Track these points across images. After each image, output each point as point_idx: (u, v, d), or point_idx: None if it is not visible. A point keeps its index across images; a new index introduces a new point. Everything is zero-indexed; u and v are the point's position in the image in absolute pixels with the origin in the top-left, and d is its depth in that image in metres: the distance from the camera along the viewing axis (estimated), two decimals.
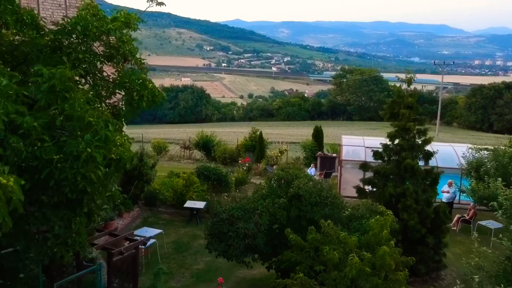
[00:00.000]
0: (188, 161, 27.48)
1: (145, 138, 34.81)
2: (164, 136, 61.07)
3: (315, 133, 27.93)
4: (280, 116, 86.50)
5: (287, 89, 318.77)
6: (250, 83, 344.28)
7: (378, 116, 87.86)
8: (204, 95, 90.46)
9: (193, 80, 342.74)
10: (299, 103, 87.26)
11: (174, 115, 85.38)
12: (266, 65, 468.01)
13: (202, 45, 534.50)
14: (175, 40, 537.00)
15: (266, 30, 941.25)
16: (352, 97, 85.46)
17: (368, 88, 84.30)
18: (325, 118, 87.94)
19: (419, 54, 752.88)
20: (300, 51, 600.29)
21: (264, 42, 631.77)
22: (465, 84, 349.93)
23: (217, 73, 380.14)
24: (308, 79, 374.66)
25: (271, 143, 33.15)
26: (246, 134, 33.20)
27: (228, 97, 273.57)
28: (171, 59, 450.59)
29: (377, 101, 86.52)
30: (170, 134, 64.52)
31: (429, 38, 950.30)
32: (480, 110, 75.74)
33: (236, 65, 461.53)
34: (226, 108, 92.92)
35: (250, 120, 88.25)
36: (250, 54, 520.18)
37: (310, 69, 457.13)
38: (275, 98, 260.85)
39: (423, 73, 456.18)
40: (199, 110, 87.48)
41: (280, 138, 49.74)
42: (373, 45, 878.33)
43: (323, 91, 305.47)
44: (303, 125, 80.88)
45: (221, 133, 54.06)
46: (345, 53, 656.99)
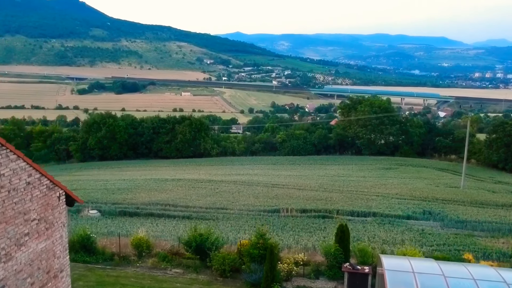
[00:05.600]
0: (177, 271, 21.76)
1: (125, 232, 28.74)
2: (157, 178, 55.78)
3: (339, 234, 22.22)
4: (284, 150, 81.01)
5: (288, 103, 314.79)
6: (250, 98, 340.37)
7: (389, 150, 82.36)
8: (203, 127, 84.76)
9: (193, 94, 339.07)
10: (304, 135, 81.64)
11: (170, 149, 79.88)
12: (267, 79, 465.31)
13: (202, 59, 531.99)
14: (175, 54, 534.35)
15: (266, 43, 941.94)
16: (361, 131, 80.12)
17: (378, 121, 78.88)
18: (332, 152, 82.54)
19: (419, 66, 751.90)
20: (301, 63, 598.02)
21: (264, 55, 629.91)
22: (466, 97, 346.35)
23: (217, 87, 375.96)
24: (308, 93, 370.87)
25: (278, 186, 27.55)
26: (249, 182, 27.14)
27: (229, 111, 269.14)
28: (171, 72, 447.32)
29: (388, 135, 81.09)
30: (165, 175, 59.15)
31: (429, 50, 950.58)
32: (503, 148, 69.84)
33: (237, 78, 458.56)
34: (226, 142, 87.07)
35: (252, 154, 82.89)
36: (251, 68, 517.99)
37: (311, 83, 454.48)
38: (275, 112, 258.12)
39: (424, 86, 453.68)
40: (197, 144, 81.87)
41: (286, 193, 44.07)
42: (373, 58, 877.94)
43: (324, 105, 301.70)
44: (309, 161, 75.38)
45: (222, 186, 48.74)
46: (345, 66, 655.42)
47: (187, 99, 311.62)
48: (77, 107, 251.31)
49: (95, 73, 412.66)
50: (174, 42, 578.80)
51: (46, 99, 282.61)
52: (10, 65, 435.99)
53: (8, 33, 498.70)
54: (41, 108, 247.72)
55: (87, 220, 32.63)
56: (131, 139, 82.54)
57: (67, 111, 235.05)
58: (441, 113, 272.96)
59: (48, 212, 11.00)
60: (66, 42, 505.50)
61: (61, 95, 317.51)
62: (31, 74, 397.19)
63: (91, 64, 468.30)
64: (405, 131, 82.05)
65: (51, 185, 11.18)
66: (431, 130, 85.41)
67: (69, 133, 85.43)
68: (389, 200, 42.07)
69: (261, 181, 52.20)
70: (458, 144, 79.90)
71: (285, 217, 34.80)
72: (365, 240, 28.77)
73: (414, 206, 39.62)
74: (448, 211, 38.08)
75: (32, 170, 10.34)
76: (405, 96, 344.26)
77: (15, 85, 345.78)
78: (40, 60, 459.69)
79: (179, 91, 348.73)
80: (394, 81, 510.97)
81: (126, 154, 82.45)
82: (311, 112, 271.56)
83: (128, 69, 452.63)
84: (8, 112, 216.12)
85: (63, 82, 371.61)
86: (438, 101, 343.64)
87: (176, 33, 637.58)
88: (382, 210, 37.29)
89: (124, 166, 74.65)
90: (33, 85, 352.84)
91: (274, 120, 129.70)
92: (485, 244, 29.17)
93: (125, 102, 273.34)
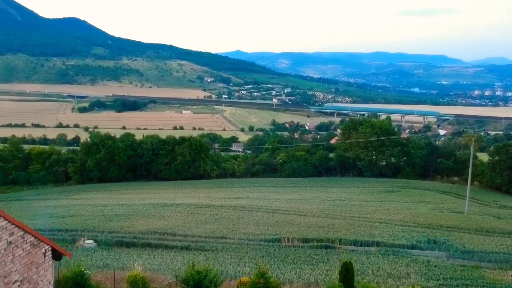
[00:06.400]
0: None
1: (121, 265, 27.63)
2: (156, 202, 54.96)
3: (343, 272, 21.31)
4: (284, 172, 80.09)
5: (288, 121, 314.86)
6: (251, 116, 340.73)
7: (390, 172, 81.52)
8: (203, 148, 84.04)
9: (194, 113, 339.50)
10: (305, 157, 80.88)
11: (170, 171, 78.99)
12: (267, 97, 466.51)
13: (203, 77, 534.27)
14: (176, 72, 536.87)
15: (267, 61, 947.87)
16: (362, 152, 79.41)
17: (379, 142, 78.23)
18: (334, 174, 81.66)
19: (419, 84, 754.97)
20: (301, 82, 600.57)
21: (264, 73, 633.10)
22: (466, 115, 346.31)
23: (218, 105, 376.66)
24: (309, 111, 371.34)
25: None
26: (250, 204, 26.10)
27: (229, 129, 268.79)
28: (172, 91, 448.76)
29: (389, 156, 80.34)
30: (164, 199, 58.35)
31: (428, 68, 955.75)
32: (507, 171, 68.96)
33: (237, 96, 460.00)
34: (226, 163, 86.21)
35: (252, 176, 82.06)
36: (251, 86, 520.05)
37: (311, 100, 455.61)
38: (276, 130, 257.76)
39: (423, 104, 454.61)
40: (197, 165, 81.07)
41: (287, 219, 43.23)
42: (373, 76, 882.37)
43: (324, 123, 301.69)
44: (310, 184, 74.48)
45: (222, 212, 47.92)
46: (345, 84, 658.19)
47: (188, 117, 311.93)
48: (77, 125, 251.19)
49: (96, 91, 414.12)
50: (175, 61, 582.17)
51: (46, 117, 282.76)
52: (12, 83, 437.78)
53: (10, 51, 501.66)
54: (41, 126, 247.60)
55: (82, 251, 31.70)
56: (130, 161, 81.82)
57: (67, 129, 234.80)
58: (441, 131, 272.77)
59: (32, 271, 10.22)
60: (68, 60, 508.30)
61: (61, 113, 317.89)
62: (32, 92, 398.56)
63: (92, 82, 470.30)
64: (406, 152, 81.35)
65: (36, 241, 10.41)
66: (433, 151, 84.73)
67: (68, 155, 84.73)
68: (393, 228, 41.13)
69: (261, 206, 51.30)
70: (461, 166, 79.18)
71: (286, 247, 33.84)
72: (369, 274, 27.83)
73: (418, 234, 38.66)
74: (453, 239, 37.13)
75: (15, 228, 9.57)
76: (405, 114, 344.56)
77: (16, 103, 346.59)
78: (42, 79, 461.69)
79: (180, 109, 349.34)
80: (394, 99, 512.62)
81: (125, 176, 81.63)
82: (311, 130, 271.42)
83: (129, 87, 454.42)
84: (8, 130, 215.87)
85: (64, 100, 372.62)
86: (438, 119, 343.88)
87: (177, 51, 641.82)
88: (386, 239, 36.32)
89: (123, 188, 73.75)
90: (34, 103, 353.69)
91: (275, 139, 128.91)
92: (493, 278, 28.23)
93: (125, 120, 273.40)
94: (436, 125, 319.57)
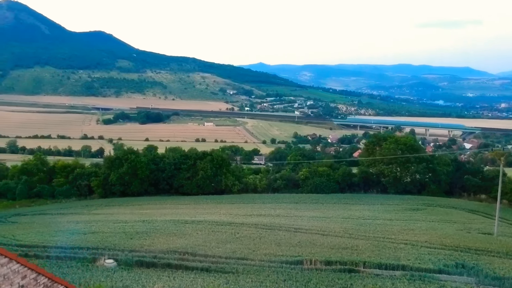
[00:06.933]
0: None
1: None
2: (177, 219, 54.73)
3: None
4: (306, 188, 79.20)
5: (310, 134, 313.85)
6: (272, 128, 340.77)
7: (415, 189, 79.81)
8: (225, 163, 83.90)
9: (216, 125, 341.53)
10: (328, 172, 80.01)
11: (191, 186, 79.05)
12: (289, 109, 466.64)
13: (225, 89, 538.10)
14: (199, 84, 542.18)
15: (289, 73, 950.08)
16: (386, 168, 78.07)
17: (404, 158, 76.80)
18: (357, 190, 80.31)
19: (444, 96, 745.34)
20: (323, 94, 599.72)
21: (286, 86, 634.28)
22: (493, 128, 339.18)
23: (240, 117, 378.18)
24: (331, 124, 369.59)
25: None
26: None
27: (251, 142, 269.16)
28: (194, 103, 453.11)
29: (414, 173, 78.77)
30: (185, 215, 58.23)
31: (453, 80, 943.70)
32: None
33: (259, 109, 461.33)
34: (247, 178, 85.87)
35: (274, 192, 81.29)
36: (273, 98, 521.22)
37: (333, 113, 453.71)
38: (298, 143, 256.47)
39: (448, 117, 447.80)
40: (218, 180, 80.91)
41: (310, 239, 42.39)
42: (396, 88, 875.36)
43: (347, 136, 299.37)
44: (333, 200, 73.35)
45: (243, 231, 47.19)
46: (368, 96, 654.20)
47: (210, 130, 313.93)
48: (102, 137, 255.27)
49: (120, 103, 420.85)
50: (198, 73, 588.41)
51: (72, 129, 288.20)
52: (39, 95, 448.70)
53: (38, 64, 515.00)
54: (67, 137, 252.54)
55: (102, 271, 31.48)
56: (152, 175, 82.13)
57: (92, 141, 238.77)
58: (467, 144, 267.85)
59: None
60: (93, 73, 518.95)
61: (86, 125, 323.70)
62: (59, 104, 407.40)
63: (117, 94, 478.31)
64: (432, 169, 79.55)
65: (50, 282, 10.05)
66: (459, 167, 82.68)
67: (91, 169, 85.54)
68: (419, 250, 39.83)
69: (283, 224, 50.55)
70: (488, 183, 76.98)
71: (308, 271, 32.96)
72: None
73: (446, 258, 37.29)
74: (482, 264, 35.67)
75: (27, 270, 9.22)
76: (430, 127, 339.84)
77: (43, 115, 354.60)
78: (68, 91, 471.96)
79: (202, 122, 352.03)
80: (418, 112, 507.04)
81: (147, 190, 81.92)
82: (334, 143, 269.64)
83: (153, 100, 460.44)
84: (35, 141, 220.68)
85: (89, 112, 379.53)
86: (464, 132, 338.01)
87: (200, 64, 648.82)
88: (411, 262, 35.11)
89: (145, 203, 73.88)
90: (60, 115, 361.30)
91: (297, 152, 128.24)
92: None
93: (148, 132, 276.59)
94: (462, 138, 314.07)
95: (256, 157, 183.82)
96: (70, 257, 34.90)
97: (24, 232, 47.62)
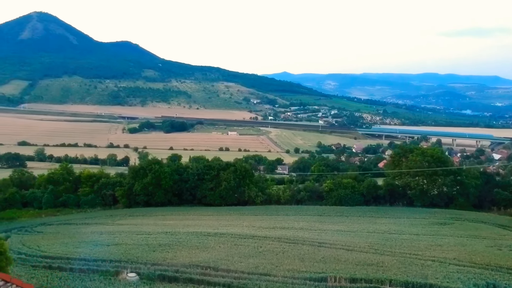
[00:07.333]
0: None
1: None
2: (200, 231, 54.39)
3: None
4: (331, 200, 78.19)
5: (334, 144, 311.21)
6: (296, 137, 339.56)
7: (442, 202, 77.91)
8: (248, 174, 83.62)
9: (239, 134, 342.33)
10: (353, 184, 78.91)
11: (214, 196, 79.00)
12: (313, 118, 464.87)
13: (249, 98, 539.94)
14: (223, 94, 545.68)
15: (313, 83, 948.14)
16: (412, 181, 76.56)
17: (431, 171, 75.13)
18: (382, 203, 78.83)
19: (471, 106, 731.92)
20: (347, 103, 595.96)
21: (310, 95, 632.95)
22: None
23: (264, 126, 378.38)
24: (356, 133, 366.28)
25: None
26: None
27: (274, 151, 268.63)
28: (218, 112, 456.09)
29: (441, 186, 76.97)
30: (208, 227, 58.01)
31: (481, 89, 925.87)
32: None
33: (283, 118, 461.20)
34: (271, 189, 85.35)
35: (298, 203, 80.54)
36: (297, 107, 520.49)
37: (358, 122, 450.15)
38: (321, 153, 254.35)
39: (476, 127, 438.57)
40: (242, 191, 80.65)
41: (334, 254, 41.54)
42: (422, 97, 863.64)
43: (372, 146, 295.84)
44: (358, 213, 72.13)
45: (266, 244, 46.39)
46: (393, 105, 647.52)
47: (233, 139, 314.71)
48: (127, 145, 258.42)
49: (145, 112, 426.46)
50: (222, 82, 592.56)
51: (98, 137, 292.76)
52: (67, 104, 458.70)
53: (66, 74, 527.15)
54: (93, 146, 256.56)
55: (124, 285, 31.40)
56: (176, 185, 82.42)
57: (117, 149, 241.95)
58: (495, 155, 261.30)
59: None
60: (120, 82, 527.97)
61: (112, 133, 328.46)
62: (86, 113, 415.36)
63: (142, 104, 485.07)
64: (460, 182, 77.57)
65: None
66: (489, 181, 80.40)
67: (116, 178, 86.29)
68: (447, 268, 38.51)
69: (307, 238, 49.76)
70: None
71: None
72: None
73: (476, 277, 35.92)
74: None
75: None
76: (457, 137, 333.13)
77: (70, 123, 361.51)
78: (95, 100, 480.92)
79: (226, 131, 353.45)
80: (444, 121, 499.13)
81: (171, 201, 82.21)
82: (358, 152, 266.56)
83: (177, 109, 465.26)
84: (62, 150, 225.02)
85: (115, 121, 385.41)
86: (492, 142, 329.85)
87: (224, 73, 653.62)
88: (439, 281, 33.89)
89: (168, 213, 74.07)
90: (87, 123, 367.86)
91: (321, 162, 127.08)
92: None
93: (173, 141, 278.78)
94: (490, 148, 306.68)
95: (280, 166, 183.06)
96: (93, 270, 34.96)
97: (49, 242, 48.12)
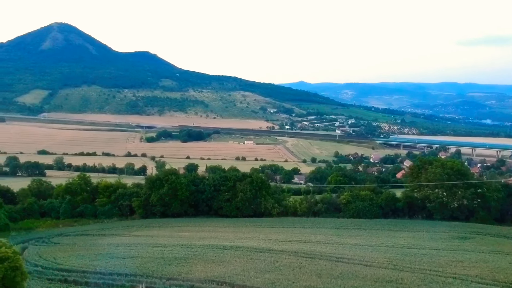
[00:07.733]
0: None
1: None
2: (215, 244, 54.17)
3: None
4: (348, 212, 77.03)
5: (352, 153, 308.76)
6: (313, 147, 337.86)
7: (463, 215, 76.24)
8: (264, 185, 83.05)
9: (256, 143, 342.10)
10: (371, 197, 77.73)
11: (230, 208, 78.58)
12: (330, 128, 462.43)
13: (266, 108, 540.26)
14: (239, 103, 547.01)
15: (330, 92, 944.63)
16: (432, 193, 75.11)
17: (451, 184, 73.61)
18: (401, 216, 77.38)
19: (491, 115, 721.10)
20: (365, 112, 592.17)
21: (327, 104, 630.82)
22: None
23: (280, 136, 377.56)
24: (373, 143, 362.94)
25: None
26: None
27: (291, 161, 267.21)
28: (235, 121, 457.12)
29: (462, 198, 75.33)
30: (224, 239, 57.66)
31: (501, 99, 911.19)
32: None
33: (300, 127, 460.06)
34: (287, 201, 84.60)
35: (314, 215, 79.67)
36: (314, 116, 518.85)
37: (376, 132, 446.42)
38: (339, 162, 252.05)
39: (496, 137, 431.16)
40: (258, 203, 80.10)
41: (352, 270, 40.78)
42: (441, 107, 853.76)
43: (390, 155, 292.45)
44: (376, 226, 70.93)
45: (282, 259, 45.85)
46: (411, 115, 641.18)
47: (250, 148, 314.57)
48: (145, 154, 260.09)
49: (163, 121, 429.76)
50: (239, 92, 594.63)
51: (116, 146, 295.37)
52: (86, 113, 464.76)
53: (85, 83, 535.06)
54: (111, 155, 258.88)
55: None
56: (192, 196, 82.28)
57: (135, 158, 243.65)
58: None
59: None
60: (138, 92, 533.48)
61: (130, 142, 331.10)
62: (104, 122, 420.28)
63: (160, 113, 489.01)
64: (481, 194, 75.84)
65: None
66: (511, 194, 78.48)
67: (133, 189, 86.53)
68: (469, 285, 37.45)
69: (324, 252, 48.98)
70: None
71: None
72: None
73: None
74: None
75: None
76: (477, 147, 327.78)
77: (89, 132, 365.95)
78: (113, 109, 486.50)
79: (242, 140, 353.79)
80: (463, 131, 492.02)
81: (187, 212, 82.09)
82: (376, 162, 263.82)
83: (195, 118, 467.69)
84: (81, 158, 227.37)
85: (133, 130, 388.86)
86: None
87: (241, 83, 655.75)
88: None
89: (184, 224, 73.91)
90: (105, 132, 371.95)
91: (338, 172, 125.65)
92: None
93: (190, 150, 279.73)
94: (511, 159, 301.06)
95: (296, 176, 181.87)
96: (108, 284, 34.82)
97: (65, 255, 48.19)
